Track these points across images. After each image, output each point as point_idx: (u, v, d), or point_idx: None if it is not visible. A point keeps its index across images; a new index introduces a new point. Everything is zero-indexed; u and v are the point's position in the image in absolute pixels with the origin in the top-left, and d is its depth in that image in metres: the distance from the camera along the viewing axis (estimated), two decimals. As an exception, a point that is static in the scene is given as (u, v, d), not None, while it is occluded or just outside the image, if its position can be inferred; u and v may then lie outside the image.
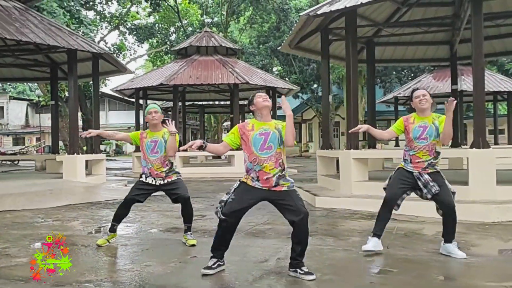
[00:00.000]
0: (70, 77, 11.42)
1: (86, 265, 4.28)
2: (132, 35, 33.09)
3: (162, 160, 5.06)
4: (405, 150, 4.72)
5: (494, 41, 12.32)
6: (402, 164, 4.71)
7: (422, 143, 4.55)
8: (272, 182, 3.86)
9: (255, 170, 3.88)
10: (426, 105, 4.57)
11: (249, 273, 4.01)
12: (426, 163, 4.55)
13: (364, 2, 7.69)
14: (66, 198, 8.76)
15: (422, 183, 4.53)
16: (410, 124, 4.65)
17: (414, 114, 4.71)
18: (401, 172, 4.67)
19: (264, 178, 3.86)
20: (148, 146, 5.08)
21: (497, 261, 4.51)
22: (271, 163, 3.86)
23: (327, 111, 10.71)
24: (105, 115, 44.70)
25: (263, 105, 3.96)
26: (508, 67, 28.25)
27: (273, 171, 3.86)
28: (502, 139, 24.73)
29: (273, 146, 3.88)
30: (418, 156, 4.56)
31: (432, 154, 4.56)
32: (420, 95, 4.59)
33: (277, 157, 3.89)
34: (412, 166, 4.59)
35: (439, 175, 4.58)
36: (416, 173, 4.56)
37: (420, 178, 4.54)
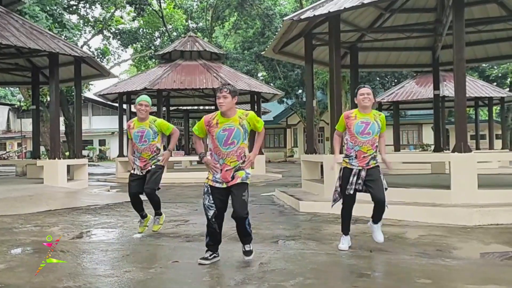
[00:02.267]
0: (52, 81, 11.26)
1: (64, 271, 4.18)
2: (116, 39, 32.85)
3: (150, 148, 5.55)
4: (348, 147, 4.87)
5: (475, 47, 12.53)
6: (346, 161, 4.88)
7: (365, 138, 4.77)
8: (230, 174, 4.20)
9: (219, 163, 4.24)
10: (368, 103, 4.82)
11: (231, 278, 3.97)
12: (369, 157, 4.78)
13: (348, 7, 7.73)
14: (46, 204, 8.60)
15: (355, 178, 4.78)
16: (352, 120, 4.86)
17: (355, 110, 4.93)
18: (345, 172, 4.88)
19: (225, 170, 4.20)
20: (136, 136, 5.53)
21: (478, 264, 4.53)
22: (233, 157, 4.20)
23: (311, 116, 10.74)
24: (89, 120, 44.16)
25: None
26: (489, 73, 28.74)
27: (233, 164, 4.21)
28: (484, 144, 25.08)
29: (236, 142, 4.20)
30: (363, 151, 4.77)
31: (375, 148, 4.82)
32: (365, 93, 4.82)
33: (239, 152, 4.22)
34: (357, 162, 4.78)
35: (377, 169, 4.83)
36: (355, 170, 4.79)
37: (356, 175, 4.79)
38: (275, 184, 13.59)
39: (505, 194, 7.10)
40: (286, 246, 5.20)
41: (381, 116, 4.88)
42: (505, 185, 8.27)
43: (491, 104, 21.81)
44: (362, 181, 4.77)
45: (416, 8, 11.27)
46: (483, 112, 32.29)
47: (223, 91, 4.20)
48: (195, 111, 26.89)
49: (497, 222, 6.35)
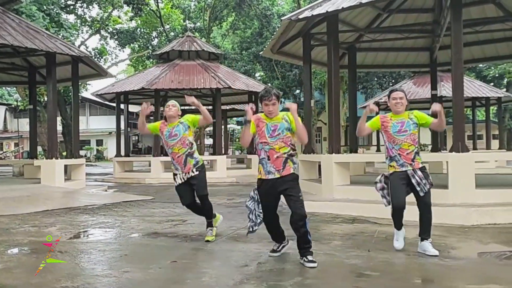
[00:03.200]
0: (49, 81, 11.22)
1: (62, 271, 4.16)
2: (114, 39, 32.81)
3: (182, 141, 5.39)
4: (389, 148, 4.81)
5: (473, 47, 12.54)
6: (394, 165, 4.76)
7: (403, 136, 4.72)
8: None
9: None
10: (401, 108, 4.78)
11: (229, 277, 3.96)
12: (413, 152, 4.72)
13: (346, 7, 7.73)
14: (43, 204, 8.57)
15: (415, 181, 4.65)
16: (388, 121, 4.81)
17: (390, 114, 4.88)
18: (395, 176, 4.75)
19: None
20: (167, 133, 5.44)
21: (476, 264, 4.53)
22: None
23: (309, 116, 10.74)
24: (86, 120, 44.11)
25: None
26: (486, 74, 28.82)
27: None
28: (481, 144, 25.16)
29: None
30: (404, 148, 4.71)
31: (416, 143, 4.77)
32: (397, 98, 4.76)
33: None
34: (403, 159, 4.70)
35: (426, 172, 4.74)
36: (410, 171, 4.68)
37: (414, 176, 4.66)
38: (273, 184, 13.55)
39: (503, 194, 7.11)
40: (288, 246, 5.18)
41: (414, 112, 4.83)
42: (502, 185, 8.28)
43: (488, 104, 21.87)
44: (421, 180, 4.62)
45: (414, 9, 11.28)
46: (481, 112, 32.36)
47: (272, 99, 4.33)
48: (193, 111, 26.76)
49: (495, 222, 6.36)
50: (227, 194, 10.46)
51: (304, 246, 4.29)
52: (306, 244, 4.29)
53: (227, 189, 12.31)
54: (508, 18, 10.55)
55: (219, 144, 17.83)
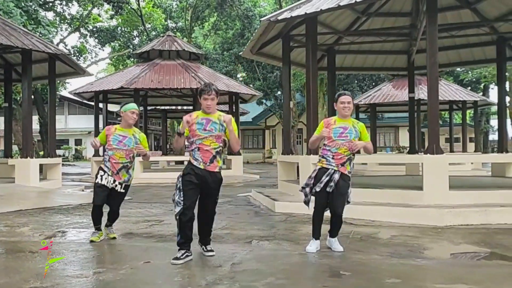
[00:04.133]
0: (24, 79, 11.04)
1: (31, 271, 4.09)
2: (94, 37, 32.40)
3: (127, 152, 5.35)
4: (325, 149, 4.93)
5: (449, 51, 12.76)
6: (323, 161, 4.91)
7: (343, 140, 4.85)
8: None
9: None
10: (348, 112, 4.92)
11: (202, 278, 3.94)
12: (346, 158, 4.85)
13: (324, 9, 7.78)
14: (17, 203, 8.41)
15: (334, 180, 4.79)
16: (331, 125, 4.94)
17: (335, 117, 5.03)
18: (319, 172, 4.90)
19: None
20: (116, 138, 5.35)
21: (447, 264, 4.60)
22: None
23: (288, 117, 10.77)
24: (64, 119, 43.44)
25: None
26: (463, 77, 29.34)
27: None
28: (458, 147, 25.61)
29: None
30: (340, 152, 4.84)
31: (351, 151, 4.88)
32: (345, 102, 4.90)
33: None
34: (334, 161, 4.84)
35: (347, 182, 4.88)
36: (331, 170, 4.82)
37: (329, 175, 4.81)
38: (252, 184, 13.59)
39: (476, 195, 7.25)
40: (259, 247, 5.19)
41: (359, 124, 4.97)
42: (476, 187, 8.45)
43: (464, 107, 22.27)
44: (334, 184, 4.78)
45: (392, 12, 11.42)
46: (458, 115, 32.94)
47: (211, 94, 4.47)
48: (173, 111, 26.69)
49: (468, 223, 6.47)
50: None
51: (207, 238, 4.76)
52: (209, 236, 4.78)
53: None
54: (483, 24, 10.77)
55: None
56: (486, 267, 4.47)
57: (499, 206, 6.77)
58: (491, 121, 38.35)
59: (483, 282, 3.88)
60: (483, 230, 6.14)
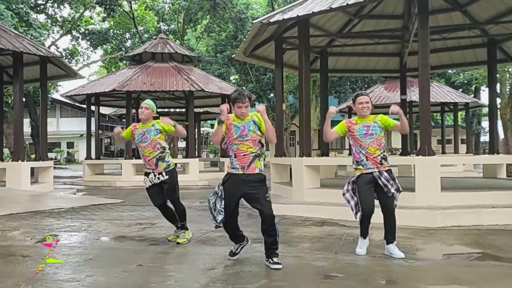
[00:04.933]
0: (16, 81, 10.95)
1: (23, 276, 4.06)
2: (86, 40, 32.23)
3: (152, 145, 5.39)
4: (356, 152, 4.84)
5: (441, 53, 12.83)
6: (360, 169, 4.79)
7: (369, 139, 4.76)
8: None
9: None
10: (367, 112, 4.85)
11: (195, 281, 3.92)
12: (379, 157, 4.75)
13: (316, 11, 7.81)
14: (8, 207, 8.33)
15: (382, 182, 4.68)
16: (354, 125, 4.87)
17: (356, 118, 4.96)
18: (362, 178, 4.76)
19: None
20: (139, 135, 5.47)
21: (440, 265, 4.62)
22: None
23: (280, 119, 10.78)
24: (56, 122, 43.20)
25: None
26: (455, 79, 29.52)
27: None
28: (450, 149, 25.75)
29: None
30: (371, 152, 4.73)
31: (382, 148, 4.80)
32: (363, 102, 4.83)
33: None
34: (369, 163, 4.72)
35: (392, 175, 4.78)
36: (376, 173, 4.71)
37: (380, 177, 4.69)
38: (245, 187, 13.54)
39: (467, 197, 7.29)
40: (252, 249, 5.18)
41: (379, 116, 4.89)
42: (468, 188, 8.49)
43: (456, 109, 22.39)
44: (388, 182, 4.65)
45: (384, 15, 11.48)
46: (449, 117, 33.14)
47: (245, 101, 4.42)
48: (165, 114, 26.57)
49: (460, 224, 6.51)
50: (199, 197, 10.38)
51: (271, 247, 4.33)
52: (273, 245, 4.33)
53: (199, 192, 12.22)
54: (474, 26, 10.85)
55: (192, 147, 17.72)
56: (478, 268, 4.49)
57: (491, 207, 6.81)
58: (482, 122, 38.61)
59: (476, 283, 3.90)
60: (475, 231, 6.18)
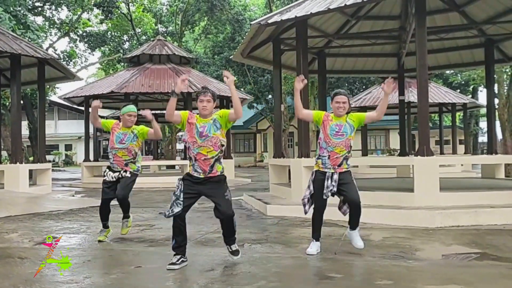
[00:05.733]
0: (13, 84, 10.94)
1: (20, 277, 4.04)
2: (84, 42, 32.20)
3: (128, 149, 5.51)
4: (322, 147, 4.89)
5: (438, 54, 12.84)
6: (318, 163, 4.88)
7: (339, 139, 4.81)
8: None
9: None
10: (343, 112, 4.90)
11: (194, 282, 3.92)
12: (342, 158, 4.81)
13: (314, 12, 7.81)
14: (6, 209, 8.32)
15: (327, 184, 4.77)
16: (329, 121, 4.90)
17: (332, 114, 4.99)
18: (317, 176, 4.87)
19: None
20: (118, 137, 5.53)
21: (439, 265, 4.62)
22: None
23: (279, 120, 10.78)
24: (54, 124, 43.15)
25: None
26: (452, 80, 29.58)
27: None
28: (448, 149, 25.78)
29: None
30: (336, 152, 4.80)
31: (348, 148, 4.85)
32: (340, 102, 4.87)
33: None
34: (330, 162, 4.80)
35: (349, 173, 4.88)
36: (328, 173, 4.79)
37: (329, 178, 4.78)
38: (244, 188, 13.57)
39: (466, 197, 7.29)
40: (251, 250, 5.18)
41: (350, 114, 4.94)
42: (466, 188, 8.51)
43: (454, 110, 22.42)
44: (336, 183, 4.76)
45: (382, 16, 11.49)
46: (447, 118, 33.19)
47: (207, 95, 4.40)
48: (163, 115, 26.55)
49: (458, 224, 6.51)
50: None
51: (231, 238, 4.59)
52: (233, 236, 4.59)
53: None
54: (471, 26, 10.87)
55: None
56: (477, 268, 4.49)
57: (489, 207, 6.81)
58: (480, 123, 38.67)
59: (475, 283, 3.90)
60: (473, 231, 6.18)
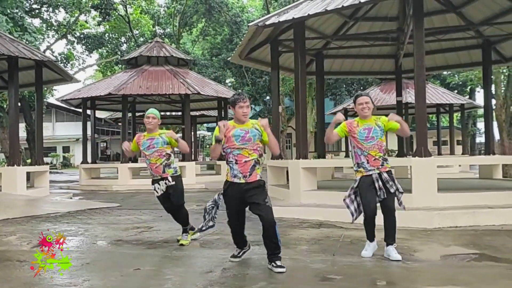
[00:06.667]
0: (11, 86, 10.92)
1: (19, 281, 4.03)
2: (81, 44, 32.17)
3: (159, 152, 5.53)
4: (357, 154, 4.81)
5: (436, 55, 12.88)
6: (361, 171, 4.76)
7: (370, 143, 4.74)
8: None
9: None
10: (368, 112, 4.78)
11: (193, 284, 3.92)
12: (381, 159, 4.74)
13: (312, 14, 7.83)
14: (4, 212, 8.29)
15: (378, 185, 4.66)
16: (354, 128, 4.82)
17: (357, 119, 4.90)
18: (363, 181, 4.73)
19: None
20: (145, 144, 5.58)
21: (438, 266, 4.63)
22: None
23: (277, 122, 10.78)
24: (52, 126, 43.01)
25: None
26: (450, 81, 29.61)
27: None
28: (445, 150, 25.81)
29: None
30: (372, 154, 4.72)
31: (382, 151, 4.78)
32: (363, 103, 4.78)
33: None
34: (370, 165, 4.71)
35: (391, 174, 4.78)
36: (375, 175, 4.69)
37: (378, 179, 4.68)
38: (242, 190, 13.53)
39: (464, 197, 7.31)
40: (250, 251, 5.16)
41: (381, 118, 4.86)
42: (464, 189, 8.52)
43: (451, 110, 22.46)
44: (383, 185, 4.64)
45: (379, 17, 11.52)
46: (445, 118, 33.22)
47: (246, 100, 4.37)
48: (161, 117, 26.54)
49: (456, 225, 6.52)
50: (196, 200, 10.35)
51: (274, 252, 4.29)
52: (275, 250, 4.30)
53: (196, 195, 12.19)
54: (469, 27, 10.90)
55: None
56: (476, 268, 4.50)
57: (487, 208, 6.83)
58: (477, 123, 38.72)
59: (473, 283, 3.91)
60: (471, 232, 6.19)
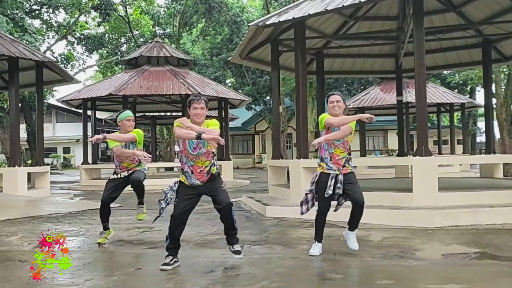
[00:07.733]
0: (11, 86, 10.93)
1: (21, 281, 4.04)
2: (81, 45, 32.17)
3: (131, 158, 5.81)
4: (323, 148, 4.90)
5: (436, 54, 12.88)
6: (322, 165, 4.88)
7: (338, 141, 4.83)
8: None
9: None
10: (338, 111, 4.89)
11: (194, 283, 3.92)
12: (344, 160, 4.83)
13: (312, 13, 7.83)
14: (5, 213, 8.29)
15: (333, 181, 4.77)
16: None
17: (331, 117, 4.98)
18: (321, 177, 4.86)
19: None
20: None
21: (439, 265, 4.63)
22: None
23: (277, 121, 10.79)
24: (52, 127, 43.04)
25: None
26: (450, 80, 29.63)
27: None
28: (446, 149, 25.82)
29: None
30: (336, 153, 4.83)
31: (347, 150, 4.88)
32: (334, 101, 4.89)
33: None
34: (332, 163, 4.82)
35: (353, 174, 4.90)
36: (332, 174, 4.80)
37: (333, 178, 4.79)
38: (243, 190, 13.55)
39: (464, 196, 7.31)
40: (251, 251, 5.18)
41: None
42: (465, 188, 8.52)
43: (452, 110, 22.46)
44: (341, 185, 4.76)
45: (379, 16, 11.51)
46: (446, 118, 33.22)
47: (201, 102, 4.36)
48: (162, 118, 26.59)
49: (457, 224, 6.52)
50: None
51: (230, 233, 4.62)
52: (232, 231, 4.62)
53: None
54: (469, 26, 10.91)
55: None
56: (477, 267, 4.50)
57: (488, 207, 6.83)
58: (478, 123, 38.74)
59: (475, 282, 3.91)
60: (473, 231, 6.19)
